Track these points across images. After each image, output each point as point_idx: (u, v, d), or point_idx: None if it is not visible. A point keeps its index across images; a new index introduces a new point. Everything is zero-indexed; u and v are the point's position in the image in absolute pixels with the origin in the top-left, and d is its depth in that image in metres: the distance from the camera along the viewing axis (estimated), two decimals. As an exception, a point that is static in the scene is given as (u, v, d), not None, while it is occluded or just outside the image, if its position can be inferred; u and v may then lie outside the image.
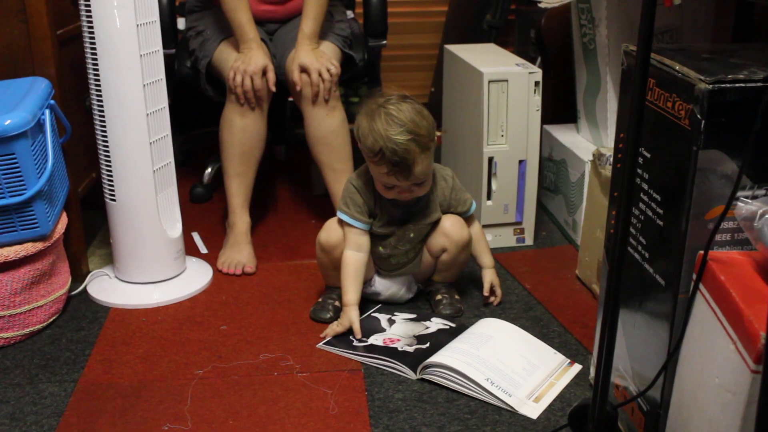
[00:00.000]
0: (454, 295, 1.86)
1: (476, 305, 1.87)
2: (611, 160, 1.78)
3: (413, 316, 1.80)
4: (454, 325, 1.76)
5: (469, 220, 1.86)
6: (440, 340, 1.67)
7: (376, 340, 1.70)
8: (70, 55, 1.95)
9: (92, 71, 1.79)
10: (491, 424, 1.45)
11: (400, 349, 1.66)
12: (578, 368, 1.62)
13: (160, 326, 1.80)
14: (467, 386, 1.52)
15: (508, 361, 1.58)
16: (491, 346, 1.61)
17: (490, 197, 2.13)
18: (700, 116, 1.09)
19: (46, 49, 1.81)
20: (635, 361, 1.32)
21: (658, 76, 1.19)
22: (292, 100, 2.22)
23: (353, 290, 1.74)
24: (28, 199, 1.65)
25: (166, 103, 1.90)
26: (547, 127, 2.35)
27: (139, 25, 1.77)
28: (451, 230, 1.80)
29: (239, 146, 2.09)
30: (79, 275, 1.97)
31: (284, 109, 2.59)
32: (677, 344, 1.18)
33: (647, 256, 1.26)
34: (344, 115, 2.13)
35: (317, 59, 2.05)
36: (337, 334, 1.71)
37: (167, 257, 1.95)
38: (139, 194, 1.88)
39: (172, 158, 1.95)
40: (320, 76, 2.04)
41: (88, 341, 1.74)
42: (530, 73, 2.07)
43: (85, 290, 1.94)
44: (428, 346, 1.66)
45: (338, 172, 2.14)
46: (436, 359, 1.56)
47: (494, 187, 2.13)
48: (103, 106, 1.80)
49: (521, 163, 2.12)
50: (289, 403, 1.52)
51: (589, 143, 2.24)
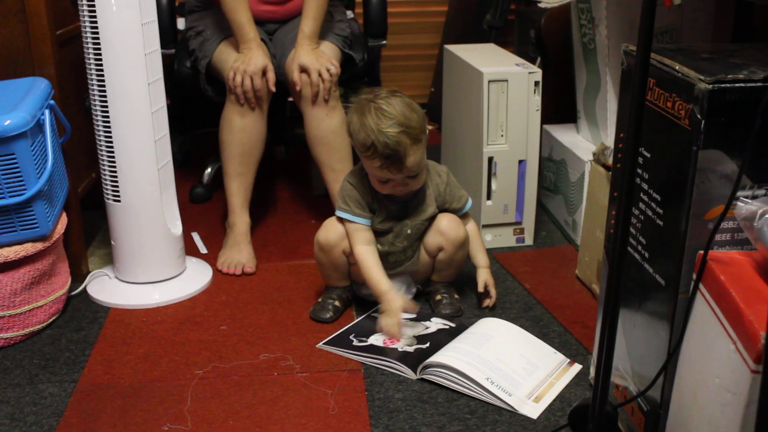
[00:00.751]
0: (453, 294, 1.86)
1: (476, 305, 1.87)
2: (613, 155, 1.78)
3: (413, 315, 1.80)
4: (453, 324, 1.76)
5: (464, 218, 1.86)
6: (440, 339, 1.67)
7: (376, 340, 1.70)
8: (69, 55, 1.95)
9: (95, 71, 1.79)
10: (491, 423, 1.45)
11: (400, 349, 1.66)
12: (578, 368, 1.62)
13: (160, 326, 1.80)
14: (467, 386, 1.52)
15: (508, 360, 1.58)
16: (491, 345, 1.61)
17: (489, 197, 2.13)
18: (700, 116, 1.09)
19: (45, 49, 1.81)
20: (635, 361, 1.32)
21: (658, 76, 1.19)
22: (291, 100, 2.22)
23: (384, 277, 1.73)
24: (27, 199, 1.65)
25: (165, 101, 1.90)
26: (546, 127, 2.35)
27: (143, 24, 1.77)
28: (447, 228, 1.80)
29: (239, 146, 2.09)
30: (78, 275, 1.97)
31: (284, 109, 2.59)
32: (677, 344, 1.18)
33: (647, 256, 1.26)
34: (344, 115, 2.13)
35: (317, 59, 2.05)
36: (401, 325, 1.69)
37: (172, 255, 1.96)
38: (144, 193, 1.88)
39: (171, 157, 1.95)
40: (320, 76, 2.04)
41: (88, 341, 1.74)
42: (530, 73, 2.07)
43: (85, 290, 1.94)
44: (428, 346, 1.66)
45: (338, 172, 2.14)
46: (436, 359, 1.56)
47: (494, 187, 2.13)
48: (107, 106, 1.80)
49: (521, 163, 2.12)
50: (289, 403, 1.52)
51: (588, 143, 2.24)
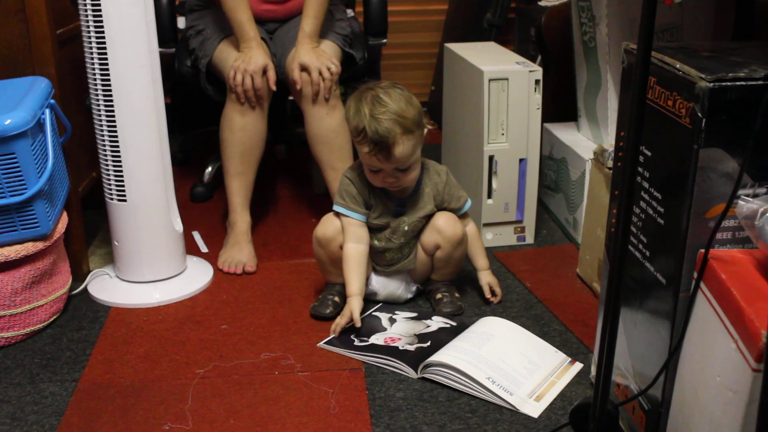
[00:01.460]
0: (454, 293, 1.86)
1: (477, 304, 1.87)
2: (614, 155, 1.78)
3: (414, 314, 1.80)
4: (454, 323, 1.75)
5: (463, 218, 1.86)
6: (441, 338, 1.67)
7: (377, 339, 1.70)
8: (69, 54, 1.95)
9: (99, 70, 1.77)
10: (492, 422, 1.45)
11: (401, 348, 1.66)
12: (579, 366, 1.61)
13: (160, 326, 1.80)
14: (468, 385, 1.52)
15: (509, 360, 1.58)
16: (493, 345, 1.61)
17: (490, 196, 2.13)
18: (700, 114, 1.09)
19: (45, 48, 1.81)
20: (636, 359, 1.32)
21: (658, 74, 1.19)
22: (292, 99, 2.22)
23: (356, 280, 1.74)
24: (28, 198, 1.65)
25: (164, 99, 1.90)
26: (547, 125, 2.35)
27: (147, 22, 1.77)
28: (444, 227, 1.80)
29: (240, 145, 2.09)
30: (79, 275, 1.97)
31: (284, 108, 2.59)
32: (678, 343, 1.17)
33: (648, 254, 1.26)
34: (344, 113, 2.13)
35: (317, 58, 2.05)
36: (342, 327, 1.71)
37: (175, 253, 1.97)
38: (150, 192, 1.88)
39: (169, 154, 1.96)
40: (320, 74, 2.04)
41: (88, 341, 1.74)
42: (530, 71, 2.06)
43: (85, 290, 1.94)
44: (429, 344, 1.66)
45: (338, 170, 2.13)
46: (437, 358, 1.56)
47: (495, 185, 2.12)
48: (112, 105, 1.78)
49: (522, 161, 2.11)
50: (289, 402, 1.52)
51: (589, 141, 2.23)
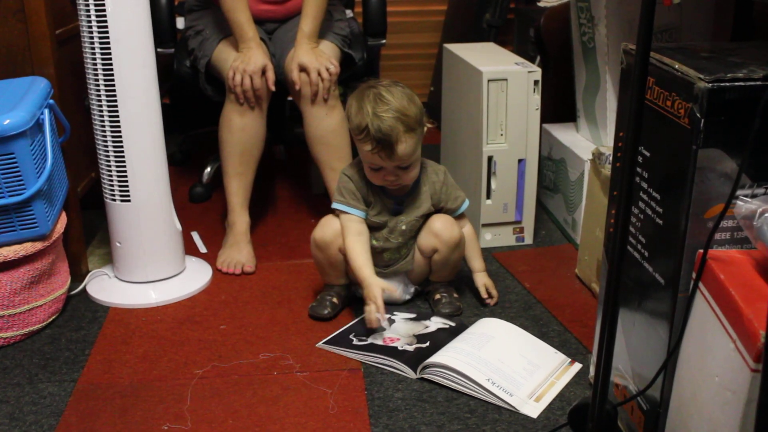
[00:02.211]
0: (452, 294, 1.86)
1: (476, 304, 1.87)
2: (611, 159, 1.78)
3: (413, 315, 1.80)
4: (453, 324, 1.75)
5: (460, 219, 1.86)
6: (440, 339, 1.67)
7: (375, 339, 1.70)
8: (69, 54, 1.95)
9: (102, 70, 1.76)
10: (491, 423, 1.45)
11: (399, 348, 1.66)
12: (578, 367, 1.62)
13: (159, 326, 1.80)
14: (468, 386, 1.52)
15: (508, 361, 1.58)
16: (492, 346, 1.61)
17: (489, 196, 2.13)
18: (699, 115, 1.09)
19: (45, 48, 1.81)
20: (635, 360, 1.32)
21: (657, 74, 1.19)
22: (291, 99, 2.22)
23: (368, 267, 1.73)
24: (27, 198, 1.65)
25: (160, 98, 1.91)
26: (546, 126, 2.35)
27: (148, 20, 1.78)
28: (441, 230, 1.79)
29: (239, 145, 2.09)
30: (78, 275, 1.97)
31: (283, 108, 2.59)
32: (677, 343, 1.18)
33: (647, 254, 1.26)
34: (343, 114, 2.13)
35: (316, 58, 2.05)
36: (382, 309, 1.68)
37: (176, 253, 1.97)
38: (154, 191, 1.88)
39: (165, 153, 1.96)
40: (319, 75, 2.04)
41: (87, 341, 1.74)
42: (529, 72, 2.06)
43: (84, 290, 1.94)
44: (428, 345, 1.66)
45: (337, 171, 2.12)
46: (436, 359, 1.56)
47: (494, 186, 2.12)
48: (116, 105, 1.78)
49: (521, 162, 2.12)
50: (288, 402, 1.52)
51: (588, 142, 2.24)
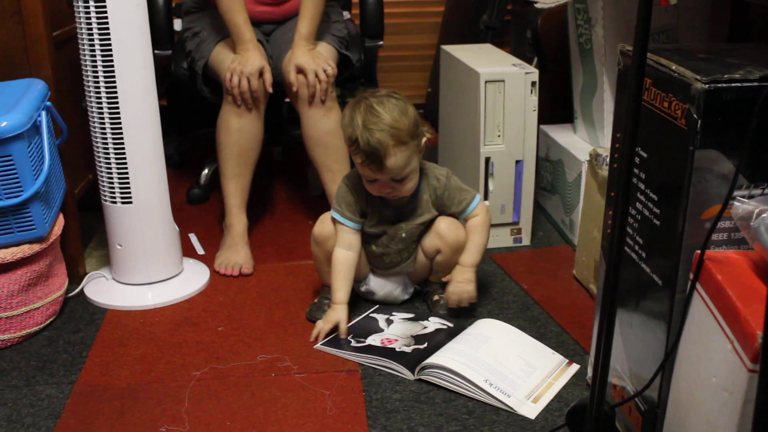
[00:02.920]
0: None
1: (474, 305, 1.87)
2: (608, 160, 1.78)
3: (411, 315, 1.80)
4: (451, 324, 1.75)
5: (472, 215, 1.80)
6: (438, 340, 1.67)
7: (373, 340, 1.70)
8: (66, 56, 1.94)
9: (103, 72, 1.75)
10: (489, 424, 1.45)
11: (397, 349, 1.66)
12: (576, 368, 1.62)
13: (157, 328, 1.80)
14: (466, 387, 1.52)
15: (506, 362, 1.58)
16: (490, 347, 1.61)
17: (487, 197, 2.13)
18: (696, 116, 1.09)
19: (42, 50, 1.81)
20: (632, 360, 1.32)
21: (654, 75, 1.20)
22: (288, 101, 2.22)
23: (343, 289, 1.75)
24: (24, 200, 1.65)
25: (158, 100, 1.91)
26: (543, 127, 2.35)
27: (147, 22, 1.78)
28: (445, 232, 1.79)
29: (236, 147, 2.09)
30: (76, 277, 1.97)
31: (281, 110, 2.59)
32: (674, 344, 1.18)
33: (644, 255, 1.26)
34: (341, 115, 2.12)
35: (314, 60, 2.05)
36: (325, 332, 1.72)
37: (175, 254, 1.98)
38: (156, 192, 1.89)
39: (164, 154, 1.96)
40: (317, 76, 2.04)
41: (85, 343, 1.73)
42: (527, 73, 2.07)
43: (82, 292, 1.94)
44: (426, 346, 1.66)
45: (335, 172, 2.14)
46: (434, 360, 1.56)
47: (491, 187, 2.13)
48: (117, 106, 1.77)
49: (518, 163, 2.12)
50: (286, 404, 1.51)
51: (585, 143, 2.24)
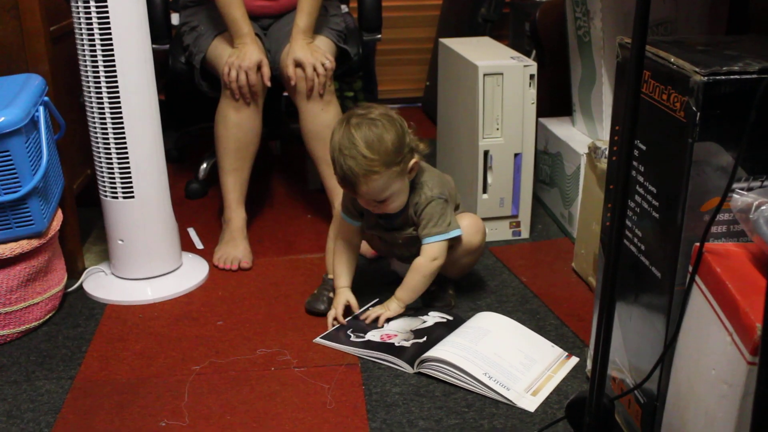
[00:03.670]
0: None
1: (473, 298, 1.87)
2: (607, 152, 1.78)
3: (409, 310, 1.80)
4: (451, 318, 1.75)
5: (424, 250, 1.71)
6: (437, 334, 1.67)
7: (372, 335, 1.69)
8: (63, 51, 1.94)
9: (103, 66, 1.74)
10: (488, 417, 1.45)
11: (397, 344, 1.66)
12: (575, 361, 1.62)
13: (156, 322, 1.80)
14: (465, 380, 1.52)
15: (505, 355, 1.58)
16: (489, 340, 1.61)
17: (485, 191, 2.13)
18: (695, 108, 1.09)
19: (39, 45, 1.81)
20: (632, 353, 1.32)
21: (653, 68, 1.19)
22: (287, 95, 2.22)
23: (345, 274, 1.80)
24: (23, 196, 1.65)
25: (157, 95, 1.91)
26: (542, 120, 2.35)
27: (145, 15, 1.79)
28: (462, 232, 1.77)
29: (234, 141, 2.09)
30: (74, 272, 1.97)
31: (279, 104, 2.59)
32: (673, 336, 1.18)
33: (643, 248, 1.26)
34: (339, 109, 2.13)
35: (312, 54, 2.05)
36: (341, 314, 1.75)
37: (175, 249, 1.98)
38: (157, 187, 1.89)
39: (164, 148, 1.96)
40: (315, 70, 2.04)
41: (84, 338, 1.73)
42: (525, 66, 2.06)
43: (81, 287, 1.94)
44: (425, 340, 1.66)
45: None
46: (433, 354, 1.56)
47: (490, 180, 2.12)
48: (118, 101, 1.77)
49: (517, 156, 2.11)
50: (286, 398, 1.52)
51: (584, 136, 2.24)
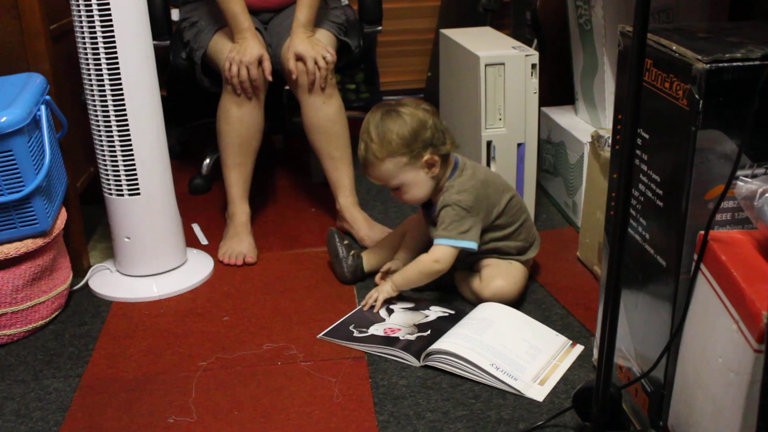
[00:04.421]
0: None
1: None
2: (610, 141, 1.77)
3: (411, 305, 1.80)
4: (453, 311, 1.75)
5: (432, 250, 1.74)
6: (441, 327, 1.67)
7: (376, 330, 1.69)
8: (64, 49, 1.94)
9: (106, 63, 1.74)
10: (496, 407, 1.45)
11: (401, 338, 1.66)
12: (581, 348, 1.62)
13: (162, 319, 1.80)
14: (472, 371, 1.52)
15: (511, 345, 1.58)
16: (493, 330, 1.61)
17: (489, 181, 2.13)
18: (698, 96, 1.08)
19: (39, 44, 1.80)
20: (638, 342, 1.32)
21: (655, 56, 1.19)
22: (288, 88, 2.22)
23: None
24: (26, 195, 1.65)
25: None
26: (545, 109, 2.34)
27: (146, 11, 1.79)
28: (486, 279, 1.76)
29: (237, 136, 2.08)
30: (80, 270, 1.97)
31: (281, 98, 2.59)
32: (679, 325, 1.18)
33: (648, 237, 1.26)
34: (341, 102, 2.13)
35: (313, 47, 2.04)
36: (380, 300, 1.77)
37: (181, 245, 1.99)
38: (162, 183, 1.89)
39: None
40: (316, 63, 2.03)
41: (91, 336, 1.74)
42: (527, 55, 2.05)
43: (86, 285, 1.94)
44: (429, 333, 1.66)
45: (336, 159, 2.14)
46: (439, 346, 1.56)
47: (493, 170, 2.12)
48: (122, 98, 1.77)
49: (520, 146, 2.11)
50: (293, 392, 1.52)
51: (587, 125, 2.23)
